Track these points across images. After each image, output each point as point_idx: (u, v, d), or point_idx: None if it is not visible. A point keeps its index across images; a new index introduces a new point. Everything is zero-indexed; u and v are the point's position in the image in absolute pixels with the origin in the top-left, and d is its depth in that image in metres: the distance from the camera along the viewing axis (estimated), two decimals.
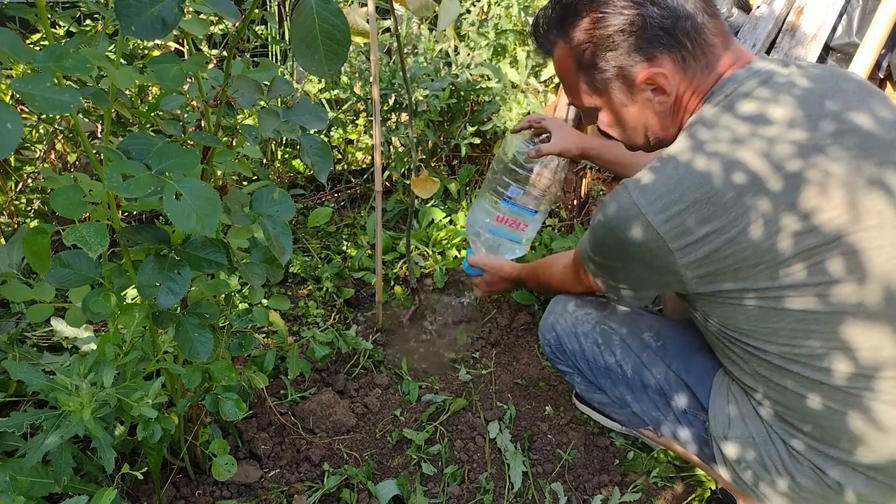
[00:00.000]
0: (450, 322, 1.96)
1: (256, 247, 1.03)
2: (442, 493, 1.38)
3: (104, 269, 0.91)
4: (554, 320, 1.35)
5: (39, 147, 1.79)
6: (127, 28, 0.67)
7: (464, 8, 2.40)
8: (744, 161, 0.88)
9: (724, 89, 0.96)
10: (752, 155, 0.88)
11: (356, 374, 1.70)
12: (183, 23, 0.86)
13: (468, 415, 1.58)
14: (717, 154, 0.90)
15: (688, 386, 1.16)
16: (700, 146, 0.92)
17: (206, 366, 1.06)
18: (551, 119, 1.51)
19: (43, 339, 1.45)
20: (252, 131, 0.95)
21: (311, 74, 1.53)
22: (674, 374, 1.18)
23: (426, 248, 2.19)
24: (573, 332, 1.30)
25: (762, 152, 0.88)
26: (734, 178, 0.88)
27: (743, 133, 0.90)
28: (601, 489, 1.41)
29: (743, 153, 0.88)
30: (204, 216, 0.70)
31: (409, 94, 1.62)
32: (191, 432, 1.24)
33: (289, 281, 2.02)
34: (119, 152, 0.74)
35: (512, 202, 1.51)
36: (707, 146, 0.91)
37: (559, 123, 1.49)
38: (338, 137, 2.38)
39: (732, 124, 0.91)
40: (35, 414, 0.92)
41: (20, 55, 0.64)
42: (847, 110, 0.91)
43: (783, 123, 0.89)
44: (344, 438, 1.50)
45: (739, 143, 0.89)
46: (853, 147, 0.88)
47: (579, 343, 1.29)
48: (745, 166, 0.88)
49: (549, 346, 1.37)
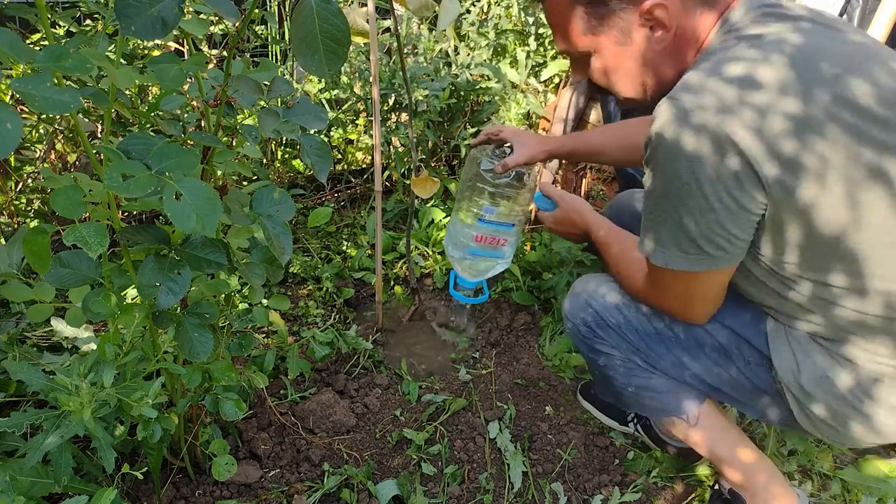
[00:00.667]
0: (450, 322, 1.96)
1: (256, 247, 1.03)
2: (442, 493, 1.38)
3: (104, 269, 0.91)
4: (589, 297, 1.26)
5: (39, 147, 1.79)
6: (127, 28, 0.66)
7: (464, 8, 2.40)
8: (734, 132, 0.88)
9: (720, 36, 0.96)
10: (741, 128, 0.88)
11: (356, 374, 1.70)
12: (183, 23, 0.86)
13: (468, 415, 1.58)
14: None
15: (744, 338, 1.12)
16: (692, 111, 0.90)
17: (206, 366, 1.06)
18: (508, 129, 1.48)
19: (43, 339, 1.45)
20: (252, 131, 0.95)
21: (311, 74, 1.53)
22: (728, 329, 1.13)
23: (426, 248, 2.19)
24: (614, 305, 1.23)
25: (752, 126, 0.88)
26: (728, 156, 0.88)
27: (731, 99, 0.89)
28: (601, 489, 1.41)
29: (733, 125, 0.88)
30: (204, 216, 0.70)
31: (409, 94, 1.62)
32: (191, 432, 1.24)
33: (289, 281, 2.02)
34: (119, 152, 0.74)
35: (488, 221, 1.46)
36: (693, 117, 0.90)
37: (517, 132, 1.47)
38: (338, 137, 2.38)
39: (720, 89, 0.90)
40: (35, 414, 0.92)
41: (20, 55, 0.64)
42: (846, 74, 0.89)
43: (774, 89, 0.88)
44: (344, 438, 1.50)
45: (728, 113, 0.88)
46: (850, 127, 0.87)
47: (622, 314, 1.22)
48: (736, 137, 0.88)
49: (585, 325, 1.26)
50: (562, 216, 1.39)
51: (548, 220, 1.43)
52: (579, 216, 1.36)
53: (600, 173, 2.26)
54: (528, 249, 2.13)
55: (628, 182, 2.08)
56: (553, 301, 1.94)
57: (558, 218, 1.40)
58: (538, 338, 1.89)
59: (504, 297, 2.03)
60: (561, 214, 1.39)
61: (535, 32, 2.33)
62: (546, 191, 1.44)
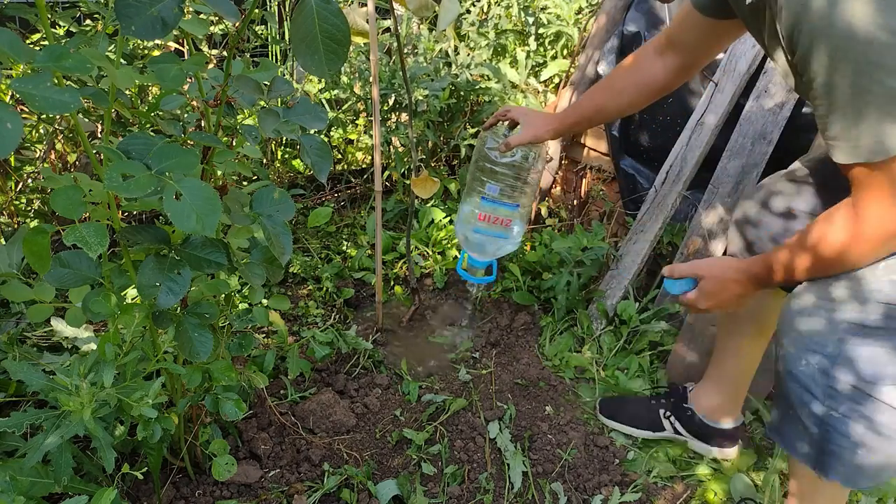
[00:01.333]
0: (450, 322, 1.96)
1: (256, 247, 1.03)
2: (442, 493, 1.38)
3: (104, 269, 0.91)
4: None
5: (39, 147, 1.79)
6: (127, 28, 0.67)
7: (464, 8, 2.40)
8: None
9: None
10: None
11: (356, 374, 1.70)
12: (183, 23, 0.86)
13: (468, 415, 1.58)
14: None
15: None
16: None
17: (206, 366, 1.06)
18: (517, 108, 1.50)
19: (43, 339, 1.45)
20: (252, 131, 0.95)
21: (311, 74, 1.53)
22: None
23: (426, 248, 2.19)
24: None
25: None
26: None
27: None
28: (601, 489, 1.41)
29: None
30: (204, 216, 0.70)
31: (409, 94, 1.62)
32: (191, 432, 1.24)
33: (289, 281, 2.02)
34: (119, 152, 0.74)
35: (491, 199, 1.50)
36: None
37: (525, 111, 1.48)
38: (338, 137, 2.39)
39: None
40: (35, 414, 0.92)
41: (20, 55, 0.64)
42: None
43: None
44: (344, 438, 1.50)
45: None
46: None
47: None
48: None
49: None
50: (712, 282, 1.16)
51: (699, 299, 1.18)
52: (728, 266, 1.15)
53: (600, 173, 2.26)
54: (528, 249, 2.13)
55: (629, 182, 2.08)
56: (553, 301, 1.94)
57: (708, 289, 1.17)
58: (538, 338, 1.89)
59: (504, 297, 2.03)
60: (710, 283, 1.17)
61: (535, 32, 2.33)
62: (674, 272, 1.22)
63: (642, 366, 1.76)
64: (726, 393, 1.48)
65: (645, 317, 1.83)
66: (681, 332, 1.74)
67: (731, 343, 1.44)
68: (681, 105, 1.95)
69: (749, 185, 1.76)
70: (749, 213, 1.29)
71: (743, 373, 1.46)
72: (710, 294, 1.17)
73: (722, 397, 1.48)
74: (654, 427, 1.55)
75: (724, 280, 1.15)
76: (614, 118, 1.60)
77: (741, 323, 1.40)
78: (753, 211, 1.28)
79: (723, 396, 1.48)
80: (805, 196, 1.20)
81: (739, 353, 1.43)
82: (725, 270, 1.15)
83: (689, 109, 1.92)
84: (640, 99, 1.39)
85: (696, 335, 1.70)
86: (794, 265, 1.02)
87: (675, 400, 1.55)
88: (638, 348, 1.81)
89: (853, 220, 0.92)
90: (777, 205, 1.24)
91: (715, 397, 1.49)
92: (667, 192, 1.88)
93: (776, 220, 1.23)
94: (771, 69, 1.78)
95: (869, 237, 0.92)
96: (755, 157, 1.76)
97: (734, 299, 1.16)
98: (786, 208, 1.22)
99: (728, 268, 1.15)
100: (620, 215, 2.12)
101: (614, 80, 1.42)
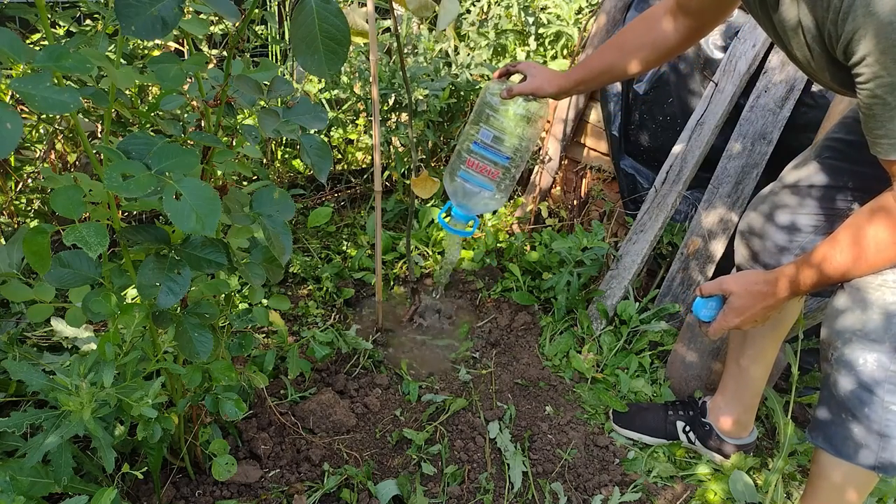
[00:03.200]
0: (449, 322, 1.96)
1: (256, 247, 1.03)
2: (442, 493, 1.38)
3: (104, 269, 0.91)
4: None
5: (39, 147, 1.79)
6: (127, 28, 0.67)
7: (464, 8, 2.40)
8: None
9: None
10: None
11: (356, 374, 1.70)
12: (183, 23, 0.86)
13: (468, 415, 1.58)
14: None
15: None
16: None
17: (206, 366, 1.06)
18: (527, 63, 1.48)
19: (43, 339, 1.45)
20: (252, 131, 0.95)
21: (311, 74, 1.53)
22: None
23: (426, 248, 2.19)
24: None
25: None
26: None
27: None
28: (601, 489, 1.41)
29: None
30: (204, 216, 0.70)
31: (408, 94, 1.62)
32: (191, 432, 1.24)
33: (289, 281, 2.02)
34: (119, 152, 0.74)
35: (482, 145, 1.47)
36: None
37: (533, 65, 1.46)
38: (338, 137, 2.39)
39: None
40: (35, 414, 0.92)
41: (20, 55, 0.64)
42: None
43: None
44: (344, 438, 1.50)
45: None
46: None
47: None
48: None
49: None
50: (741, 297, 1.15)
51: (727, 316, 1.17)
52: (755, 279, 1.15)
53: (600, 173, 2.26)
54: (528, 249, 2.13)
55: (628, 182, 2.08)
56: (553, 301, 1.94)
57: (738, 304, 1.16)
58: (538, 338, 1.89)
59: (504, 297, 2.03)
60: (739, 298, 1.16)
61: (535, 32, 2.33)
62: (703, 290, 1.22)
63: (642, 365, 1.77)
64: (745, 404, 1.49)
65: (645, 317, 1.83)
66: (681, 332, 1.74)
67: (749, 351, 1.43)
68: (681, 105, 1.95)
69: (749, 185, 1.76)
70: (754, 225, 1.33)
71: (762, 379, 1.46)
72: (739, 309, 1.16)
73: (740, 410, 1.49)
74: (671, 436, 1.57)
75: (752, 293, 1.14)
76: (621, 78, 1.58)
77: (761, 329, 1.39)
78: (758, 223, 1.32)
79: (742, 408, 1.49)
80: (808, 208, 1.24)
81: (758, 359, 1.44)
82: (753, 284, 1.14)
83: (689, 109, 1.92)
84: (651, 58, 1.35)
85: (696, 335, 1.70)
86: (831, 270, 1.02)
87: (693, 413, 1.56)
88: (638, 348, 1.81)
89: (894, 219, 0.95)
90: (782, 218, 1.28)
91: (734, 412, 1.49)
92: (667, 192, 1.88)
93: (780, 233, 1.27)
94: (771, 69, 1.78)
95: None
96: (755, 157, 1.76)
97: (762, 312, 1.15)
98: (790, 222, 1.26)
99: (756, 281, 1.14)
100: (620, 215, 2.12)
101: (625, 39, 1.38)
